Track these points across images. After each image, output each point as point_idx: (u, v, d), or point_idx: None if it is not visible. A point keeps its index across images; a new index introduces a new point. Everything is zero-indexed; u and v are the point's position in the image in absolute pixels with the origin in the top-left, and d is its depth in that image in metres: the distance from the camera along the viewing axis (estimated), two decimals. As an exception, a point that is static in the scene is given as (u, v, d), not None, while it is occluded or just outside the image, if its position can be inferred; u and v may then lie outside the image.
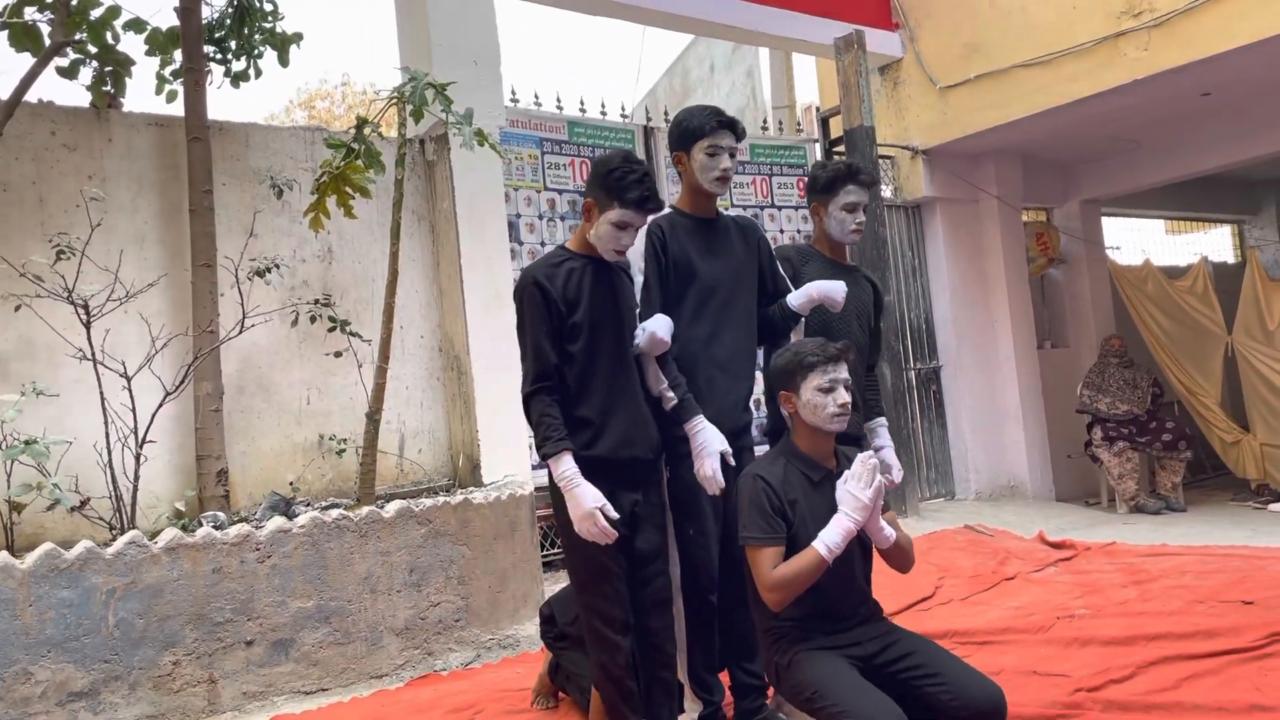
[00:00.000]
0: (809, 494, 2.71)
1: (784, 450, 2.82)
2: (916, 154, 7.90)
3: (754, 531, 2.66)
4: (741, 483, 2.77)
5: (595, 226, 2.80)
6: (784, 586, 2.59)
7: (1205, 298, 8.65)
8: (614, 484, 2.77)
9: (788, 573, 2.58)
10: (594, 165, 2.84)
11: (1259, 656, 3.51)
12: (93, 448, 4.32)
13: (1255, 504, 7.59)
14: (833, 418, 2.70)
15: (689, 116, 3.11)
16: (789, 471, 2.74)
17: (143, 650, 3.78)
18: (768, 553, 2.63)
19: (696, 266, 3.07)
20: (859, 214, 3.43)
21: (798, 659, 2.67)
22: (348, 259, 5.40)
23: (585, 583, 2.80)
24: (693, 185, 3.13)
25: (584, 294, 2.80)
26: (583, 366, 2.78)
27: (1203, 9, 6.06)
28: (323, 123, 17.76)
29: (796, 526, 2.66)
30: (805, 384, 2.71)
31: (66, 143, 4.71)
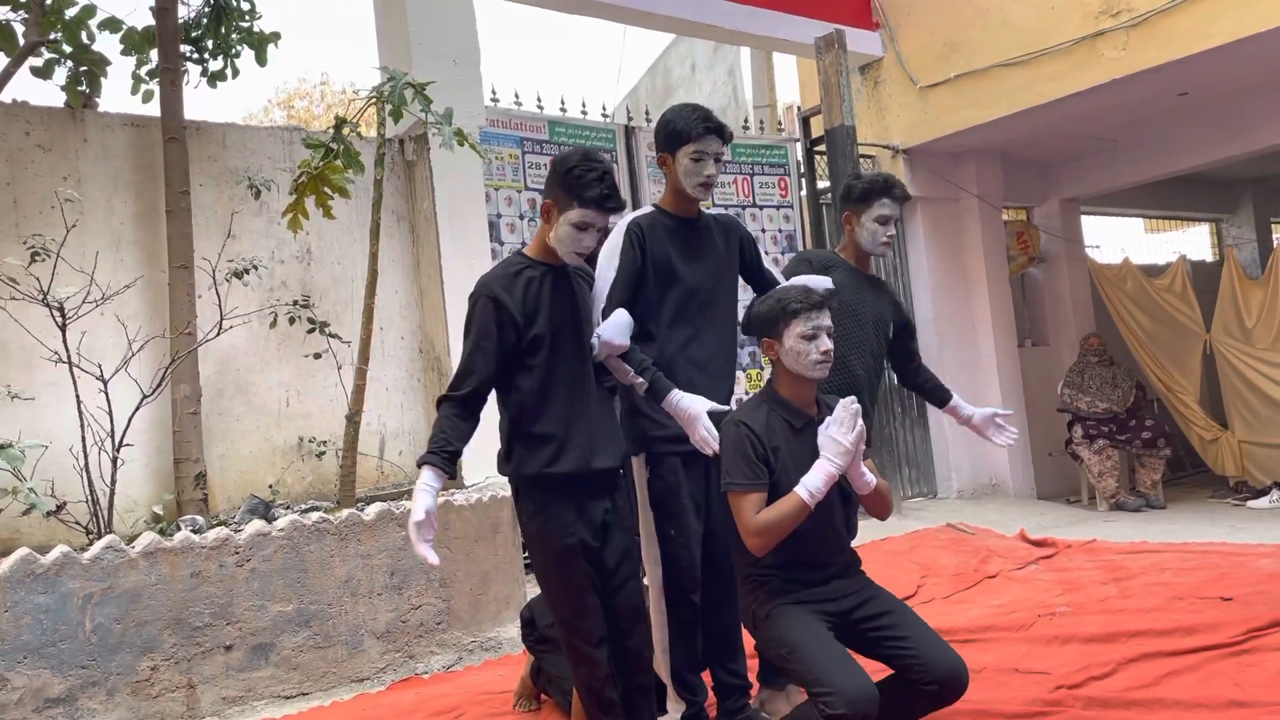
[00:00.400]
0: (791, 440, 2.72)
1: (766, 397, 2.81)
2: (897, 153, 7.92)
3: (737, 478, 2.66)
4: (725, 430, 2.75)
5: (555, 228, 2.71)
6: (767, 531, 2.59)
7: (1184, 296, 8.71)
8: (583, 496, 2.73)
9: (770, 517, 2.59)
10: (552, 165, 2.77)
11: (1238, 652, 3.53)
12: (69, 451, 4.28)
13: (1234, 501, 7.64)
14: (815, 364, 2.70)
15: (676, 118, 3.06)
16: (771, 418, 2.74)
17: (120, 656, 3.75)
18: (751, 499, 2.63)
19: (677, 268, 3.05)
20: (890, 227, 3.48)
21: (776, 612, 2.67)
22: (327, 260, 5.38)
23: (558, 600, 2.76)
24: (676, 187, 3.10)
25: (543, 304, 2.73)
26: (542, 379, 2.72)
27: (1180, 9, 6.10)
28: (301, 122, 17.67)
29: (779, 473, 2.66)
30: (788, 331, 2.71)
31: (41, 143, 4.66)
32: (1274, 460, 7.81)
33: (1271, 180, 11.17)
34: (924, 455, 8.06)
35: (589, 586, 2.72)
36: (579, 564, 2.69)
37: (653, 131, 3.24)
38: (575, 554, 2.69)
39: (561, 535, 2.70)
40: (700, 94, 11.60)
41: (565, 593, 2.73)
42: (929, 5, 7.53)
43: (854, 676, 2.48)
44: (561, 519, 2.69)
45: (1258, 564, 4.82)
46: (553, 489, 2.70)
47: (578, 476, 2.72)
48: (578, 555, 2.69)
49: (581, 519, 2.71)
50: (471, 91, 5.54)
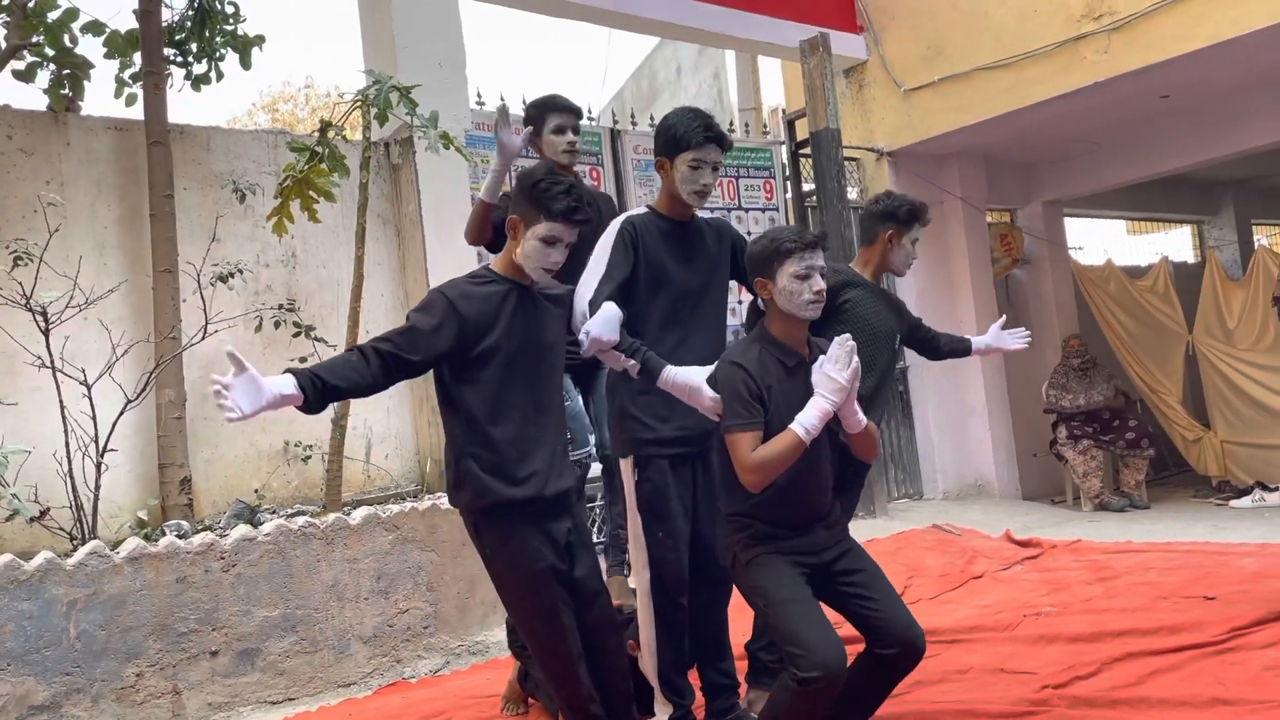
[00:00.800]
0: (783, 380, 2.72)
1: (758, 337, 2.81)
2: (881, 156, 7.95)
3: (733, 419, 2.65)
4: (719, 370, 2.74)
5: (522, 244, 2.67)
6: (762, 468, 2.58)
7: (1166, 297, 8.77)
8: (545, 519, 2.70)
9: (766, 454, 2.58)
10: (518, 180, 2.71)
11: (1221, 651, 3.56)
12: (52, 457, 4.25)
13: (1217, 500, 7.70)
14: (808, 304, 2.70)
15: (678, 123, 3.01)
16: (764, 357, 2.74)
17: (105, 662, 3.73)
18: (746, 437, 2.62)
19: (669, 270, 3.04)
20: (914, 250, 3.61)
21: (759, 561, 2.68)
22: (312, 263, 5.36)
23: (535, 627, 2.74)
24: (671, 192, 3.08)
25: (500, 322, 2.66)
26: (494, 401, 2.65)
27: (1161, 12, 6.14)
28: (286, 125, 17.60)
29: (771, 412, 2.66)
30: (781, 270, 2.70)
31: (23, 147, 4.63)
32: (1256, 460, 7.87)
33: (1252, 182, 11.27)
34: (910, 456, 8.09)
35: (562, 608, 2.68)
36: (551, 588, 2.66)
37: (640, 134, 3.25)
38: (547, 578, 2.66)
39: (531, 562, 2.65)
40: (685, 97, 11.61)
41: (541, 618, 2.70)
42: (912, 9, 7.56)
43: (827, 639, 2.51)
44: (528, 545, 2.65)
45: (1240, 563, 4.85)
46: (514, 516, 2.65)
47: (541, 500, 2.67)
48: (549, 579, 2.66)
49: (547, 543, 2.67)
50: (457, 94, 5.53)
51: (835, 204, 7.00)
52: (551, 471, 2.71)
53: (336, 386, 2.44)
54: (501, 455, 2.65)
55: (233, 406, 2.31)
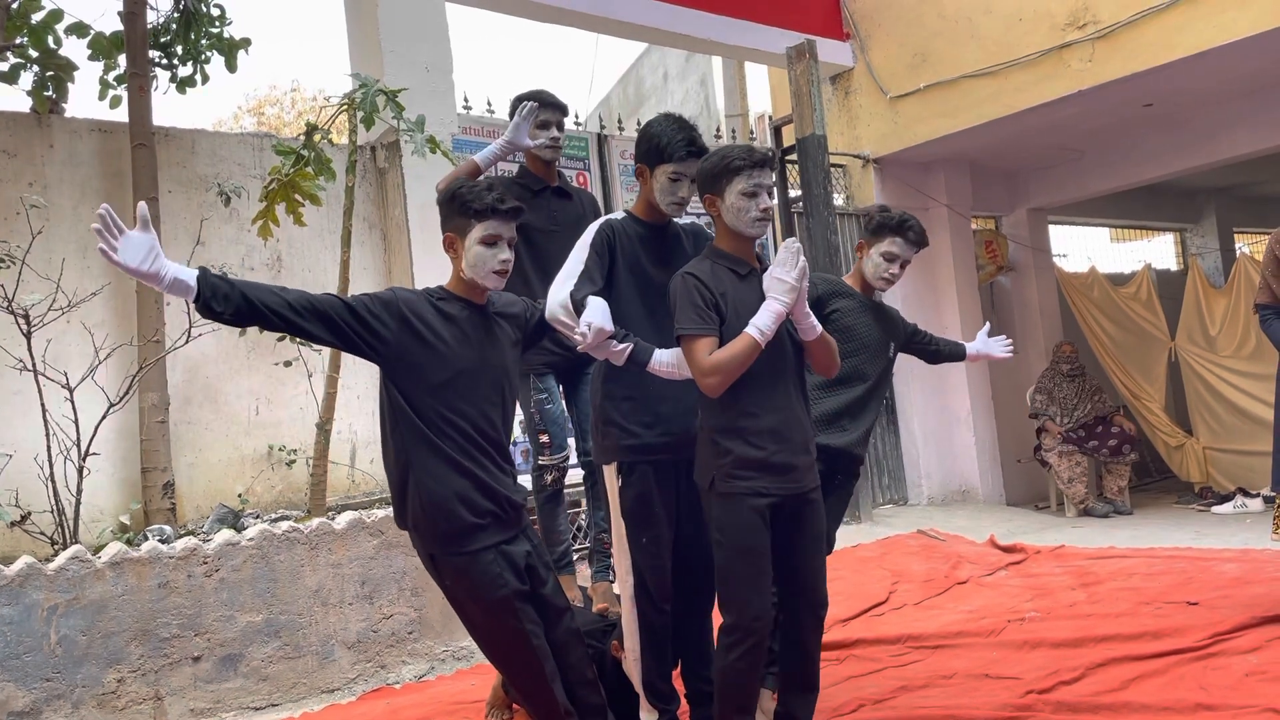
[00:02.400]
0: (737, 286, 2.75)
1: (708, 253, 2.85)
2: (868, 162, 7.98)
3: (687, 325, 2.67)
4: (673, 282, 2.78)
5: (464, 255, 2.61)
6: (719, 370, 2.61)
7: (1149, 304, 8.83)
8: (501, 541, 2.65)
9: (723, 357, 2.61)
10: (439, 201, 2.65)
11: (1204, 656, 3.58)
12: (34, 460, 4.22)
13: (1199, 506, 7.74)
14: (754, 222, 2.75)
15: (661, 134, 2.99)
16: (716, 268, 2.78)
17: (86, 668, 3.70)
18: (703, 343, 2.65)
19: (649, 274, 3.04)
20: (895, 266, 3.53)
21: (732, 501, 2.70)
22: (298, 267, 5.34)
23: (505, 654, 2.71)
24: (649, 199, 3.08)
25: (450, 340, 2.62)
26: (442, 420, 2.59)
27: (1145, 21, 6.19)
28: (272, 129, 17.55)
29: (728, 318, 2.70)
30: (730, 188, 2.73)
31: (6, 149, 4.60)
32: (1238, 466, 7.92)
33: (1235, 190, 11.35)
34: (895, 462, 8.11)
35: (531, 628, 2.64)
36: (516, 613, 2.62)
37: (626, 140, 3.25)
38: (510, 604, 2.61)
39: (493, 589, 2.60)
40: (672, 102, 11.64)
41: (511, 643, 2.66)
42: (899, 17, 7.60)
43: (758, 594, 2.69)
44: (488, 573, 2.60)
45: (1222, 569, 4.88)
46: (468, 543, 2.60)
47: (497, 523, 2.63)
48: (513, 604, 2.61)
49: (507, 567, 2.62)
50: (444, 99, 5.53)
51: (821, 210, 7.02)
52: (497, 497, 2.64)
53: (241, 294, 2.37)
54: (450, 479, 2.59)
55: (112, 248, 2.29)
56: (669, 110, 3.28)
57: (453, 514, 2.59)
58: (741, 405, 2.70)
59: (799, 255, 2.63)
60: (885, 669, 3.79)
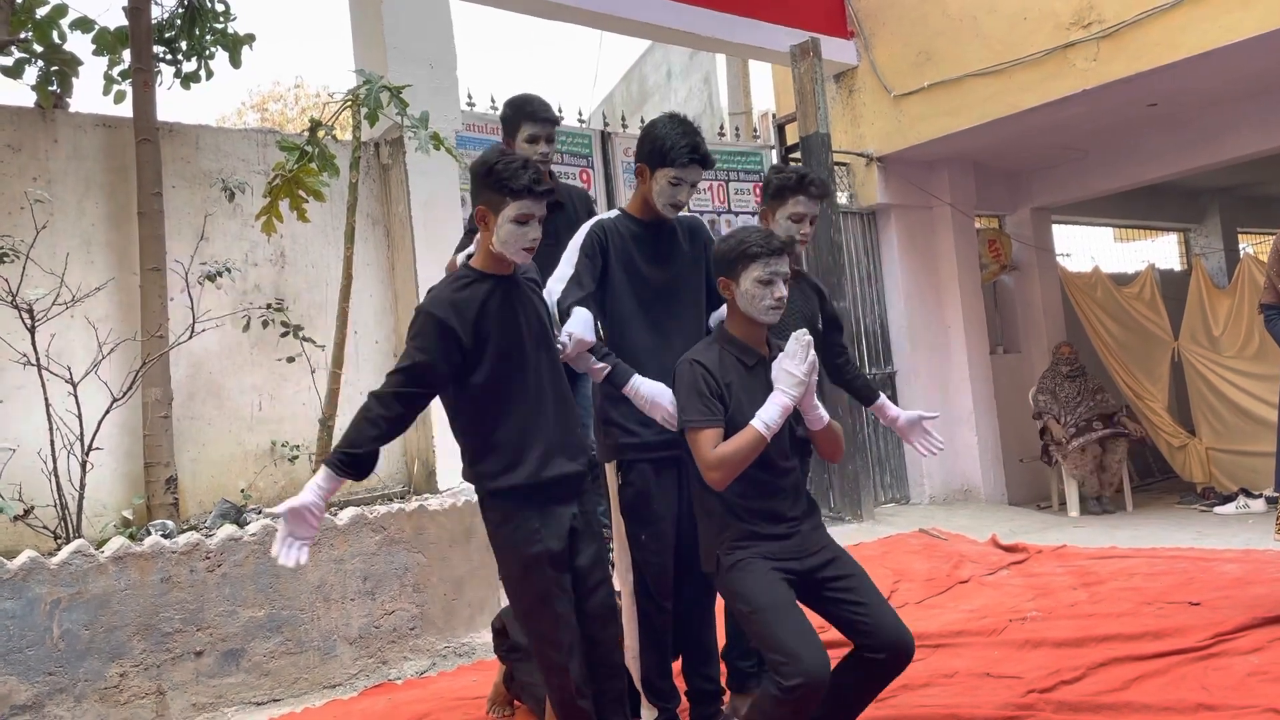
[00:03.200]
0: (744, 377, 2.75)
1: (718, 337, 2.84)
2: (871, 161, 7.97)
3: (693, 415, 2.68)
4: (679, 369, 2.77)
5: (496, 231, 2.64)
6: (724, 464, 2.61)
7: (1152, 304, 8.83)
8: (546, 504, 2.70)
9: (727, 450, 2.61)
10: (473, 170, 2.70)
11: (1205, 656, 3.58)
12: (37, 455, 4.22)
13: (1201, 507, 7.74)
14: (769, 309, 2.73)
15: (665, 137, 2.97)
16: (723, 356, 2.77)
17: (89, 662, 3.70)
18: (707, 434, 2.65)
19: (643, 273, 3.04)
20: (805, 225, 3.35)
21: (741, 565, 2.67)
22: (301, 263, 5.34)
23: (528, 610, 2.74)
24: (647, 199, 3.07)
25: (491, 316, 2.67)
26: (492, 392, 2.67)
27: (1149, 21, 6.18)
28: (275, 125, 17.55)
29: (733, 409, 2.69)
30: (746, 274, 2.72)
31: (11, 143, 4.61)
32: (1240, 467, 7.92)
33: (1238, 190, 11.34)
34: (897, 461, 8.11)
35: (558, 594, 2.68)
36: (546, 573, 2.66)
37: (629, 137, 3.25)
38: (542, 562, 2.66)
39: (527, 544, 2.66)
40: (676, 100, 11.63)
41: (534, 602, 2.70)
42: (903, 15, 7.59)
43: (811, 645, 2.51)
44: (526, 528, 2.66)
45: (1224, 569, 4.88)
46: (514, 498, 2.67)
47: (536, 485, 2.68)
48: (545, 564, 2.66)
49: (547, 527, 2.67)
50: (448, 95, 5.52)
51: (824, 209, 7.01)
52: (548, 458, 2.70)
53: (369, 452, 2.61)
54: (499, 444, 2.68)
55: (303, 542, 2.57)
56: (672, 109, 3.27)
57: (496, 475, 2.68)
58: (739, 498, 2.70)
59: (809, 349, 2.61)
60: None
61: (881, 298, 8.25)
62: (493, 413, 2.68)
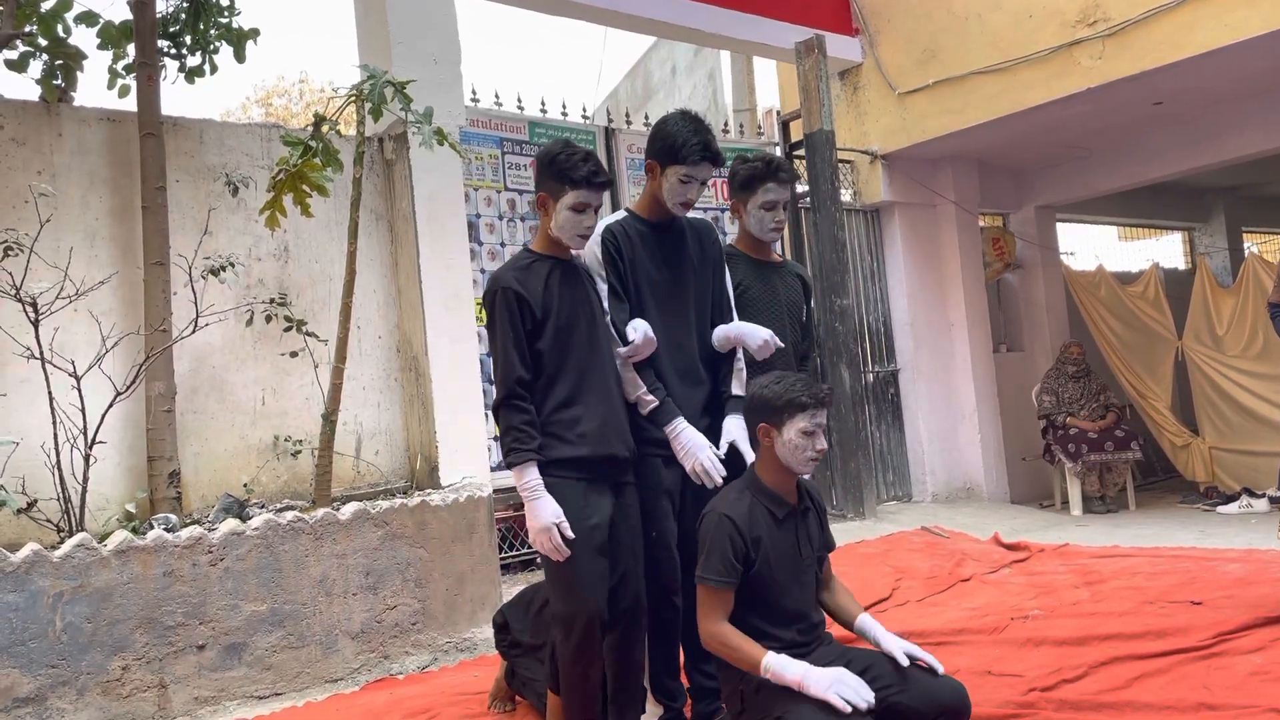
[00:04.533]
0: (772, 531, 2.69)
1: (749, 484, 2.77)
2: (875, 158, 7.96)
3: (711, 573, 2.62)
4: (707, 519, 2.70)
5: (555, 217, 2.82)
6: (721, 646, 2.60)
7: (1156, 303, 8.81)
8: (592, 483, 2.78)
9: (731, 642, 2.57)
10: (538, 159, 2.86)
11: (1207, 656, 3.58)
12: (40, 448, 4.23)
13: (1204, 506, 7.73)
14: (808, 461, 2.68)
15: (678, 133, 2.96)
16: (754, 508, 2.70)
17: (91, 655, 3.71)
18: (720, 595, 2.61)
19: (653, 274, 3.03)
20: (778, 211, 3.34)
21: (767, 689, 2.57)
22: (304, 258, 5.34)
23: (563, 590, 2.76)
24: (656, 197, 3.06)
25: (554, 296, 2.80)
26: (554, 369, 2.78)
27: (1155, 19, 6.17)
28: (280, 120, 17.54)
29: (759, 562, 2.64)
30: (790, 424, 2.65)
31: (15, 137, 4.61)
32: (1243, 466, 7.91)
33: (1243, 189, 11.32)
34: (899, 458, 8.11)
35: (593, 579, 2.74)
36: (588, 550, 2.72)
37: (634, 134, 3.24)
38: (589, 538, 2.72)
39: (576, 517, 2.72)
40: (680, 97, 11.62)
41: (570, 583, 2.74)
42: (908, 12, 7.58)
43: None
44: (573, 503, 2.71)
45: (1226, 569, 4.87)
46: (567, 474, 2.73)
47: (591, 461, 2.76)
48: (587, 541, 2.72)
49: (594, 505, 2.75)
50: (452, 91, 5.52)
51: (829, 206, 7.02)
52: (604, 437, 2.78)
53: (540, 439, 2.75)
54: (560, 417, 2.76)
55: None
56: (676, 105, 3.27)
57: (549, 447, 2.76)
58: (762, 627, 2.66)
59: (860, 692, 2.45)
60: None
61: (885, 295, 8.24)
62: (554, 384, 2.77)
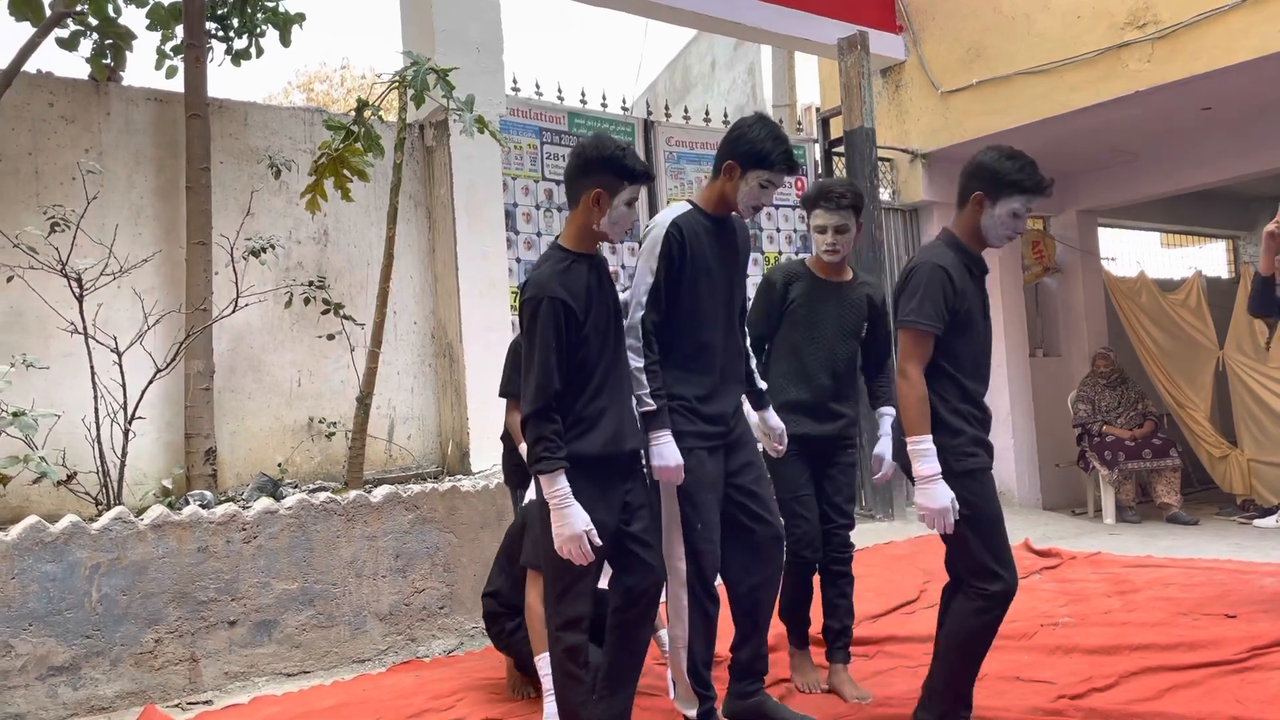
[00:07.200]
0: (968, 287, 2.96)
1: (949, 242, 3.00)
2: (916, 157, 7.90)
3: (923, 318, 2.87)
4: (921, 268, 2.93)
5: (609, 212, 2.80)
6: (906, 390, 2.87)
7: (1198, 311, 8.67)
8: (606, 478, 2.79)
9: (913, 397, 2.86)
10: (585, 154, 2.83)
11: (1240, 669, 3.53)
12: (81, 422, 4.30)
13: (1240, 519, 7.62)
14: (1004, 238, 2.96)
15: (763, 139, 3.05)
16: (959, 264, 2.95)
17: (125, 627, 3.77)
18: (924, 341, 2.88)
19: (711, 269, 3.10)
20: (829, 236, 3.55)
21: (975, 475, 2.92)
22: (343, 242, 5.39)
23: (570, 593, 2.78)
24: (725, 196, 3.12)
25: (593, 299, 2.81)
26: (580, 365, 2.78)
27: (1206, 23, 6.07)
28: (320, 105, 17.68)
29: (962, 317, 2.91)
30: (1005, 200, 2.89)
31: (64, 114, 4.68)
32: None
33: (1290, 199, 11.12)
34: (930, 461, 8.03)
35: (591, 571, 2.76)
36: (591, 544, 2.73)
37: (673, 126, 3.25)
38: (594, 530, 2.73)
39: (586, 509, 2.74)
40: (719, 91, 11.59)
41: (571, 581, 2.75)
42: (953, 10, 7.51)
43: (1012, 561, 2.91)
44: (583, 495, 2.70)
45: (1262, 583, 4.81)
46: (582, 466, 2.74)
47: (606, 458, 2.78)
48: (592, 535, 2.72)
49: (603, 500, 2.77)
50: (493, 79, 5.54)
51: (867, 205, 6.95)
52: (620, 432, 2.82)
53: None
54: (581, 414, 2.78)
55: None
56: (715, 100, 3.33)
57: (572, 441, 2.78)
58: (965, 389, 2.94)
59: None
60: (916, 666, 3.77)
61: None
62: (580, 381, 2.78)
